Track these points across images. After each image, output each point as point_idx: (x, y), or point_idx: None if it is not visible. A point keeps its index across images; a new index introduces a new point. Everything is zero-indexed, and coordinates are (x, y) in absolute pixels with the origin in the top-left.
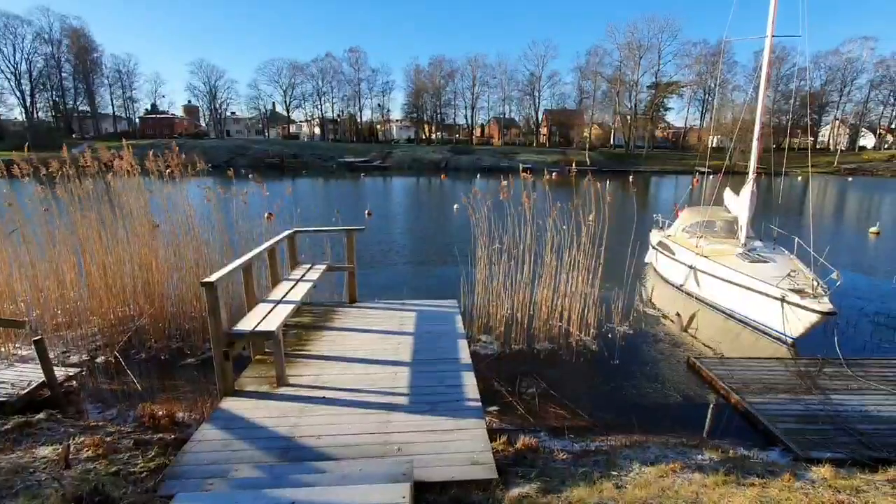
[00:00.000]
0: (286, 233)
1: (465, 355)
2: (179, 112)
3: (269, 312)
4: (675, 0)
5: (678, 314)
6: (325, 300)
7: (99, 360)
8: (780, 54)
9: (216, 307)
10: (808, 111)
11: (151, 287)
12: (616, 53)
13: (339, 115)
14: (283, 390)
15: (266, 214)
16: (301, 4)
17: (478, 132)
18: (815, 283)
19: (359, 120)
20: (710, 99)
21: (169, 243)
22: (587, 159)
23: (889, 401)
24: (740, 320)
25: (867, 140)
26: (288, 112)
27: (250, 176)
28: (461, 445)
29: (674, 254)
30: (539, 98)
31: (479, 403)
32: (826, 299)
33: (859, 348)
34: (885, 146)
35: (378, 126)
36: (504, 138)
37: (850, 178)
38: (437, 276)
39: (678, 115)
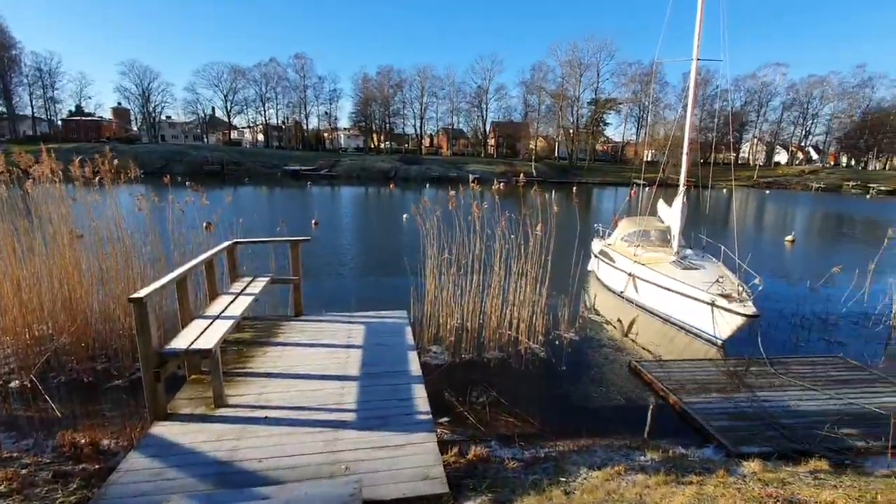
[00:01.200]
0: (226, 244)
1: (415, 367)
2: (108, 115)
3: (206, 329)
4: (612, 22)
5: (619, 320)
6: (268, 314)
7: (13, 384)
8: (706, 76)
9: (146, 325)
10: (731, 129)
11: (73, 303)
12: (559, 70)
13: (283, 122)
14: (221, 412)
15: (205, 224)
16: (244, 8)
17: (427, 142)
18: (741, 289)
19: (305, 127)
20: (644, 116)
21: (94, 255)
22: (533, 170)
23: (807, 396)
24: (675, 324)
25: (781, 156)
26: (229, 117)
27: (188, 183)
28: (412, 460)
29: (614, 262)
30: (487, 110)
31: (430, 416)
32: (750, 303)
33: (780, 348)
34: (797, 162)
35: (325, 134)
36: (453, 148)
37: (767, 191)
38: (387, 287)
39: (616, 130)
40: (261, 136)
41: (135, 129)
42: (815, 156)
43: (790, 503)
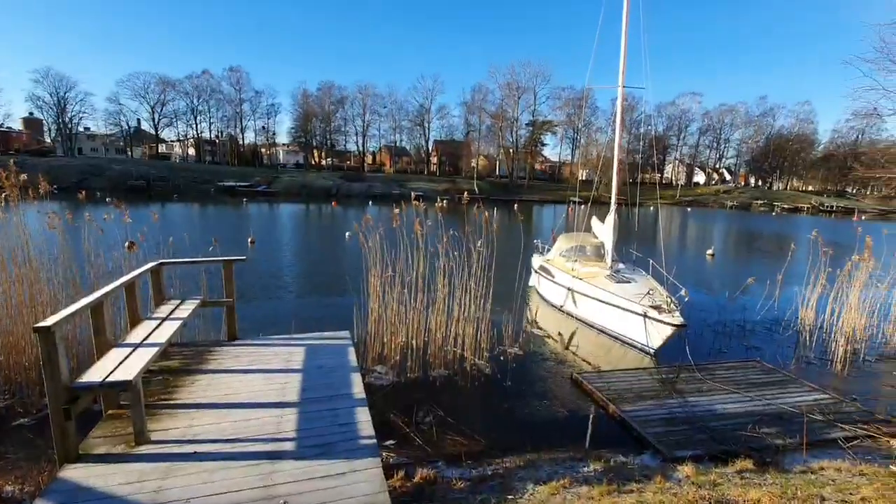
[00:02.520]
0: (150, 265)
1: (358, 389)
2: (17, 125)
3: (125, 358)
4: (546, 48)
5: (560, 333)
6: (199, 340)
7: None
8: (632, 102)
9: (54, 356)
10: (654, 152)
11: None
12: (498, 92)
13: (217, 137)
14: (143, 449)
15: (127, 244)
16: (176, 17)
17: (369, 159)
18: (669, 300)
19: (241, 142)
20: (578, 138)
21: None
22: (475, 188)
23: (731, 399)
24: (612, 335)
25: (700, 177)
26: (156, 130)
27: (108, 200)
28: (356, 489)
29: (553, 277)
30: (429, 129)
31: (374, 440)
32: (678, 313)
33: (706, 354)
34: (713, 182)
35: (263, 150)
36: (396, 166)
37: (689, 209)
38: (329, 307)
39: (553, 150)
40: (192, 151)
41: (48, 140)
42: (728, 177)
43: (720, 503)
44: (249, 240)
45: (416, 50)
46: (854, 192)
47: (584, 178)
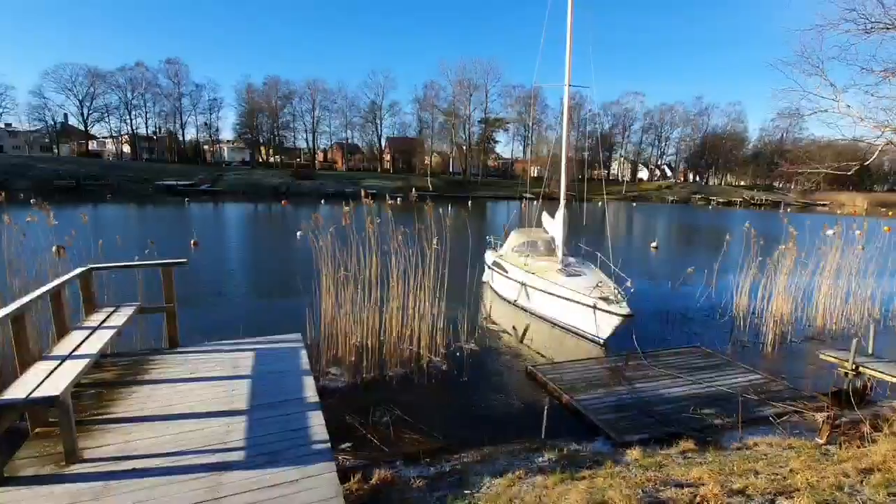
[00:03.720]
0: (78, 270)
1: (311, 393)
2: None
3: (52, 372)
4: (497, 47)
5: (514, 327)
6: (137, 349)
7: None
8: (579, 101)
9: None
10: (600, 149)
11: None
12: (450, 89)
13: (155, 133)
14: (75, 469)
15: (54, 248)
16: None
17: (320, 157)
18: (617, 291)
19: (181, 139)
20: (529, 135)
21: None
22: (429, 185)
23: (675, 383)
24: (564, 327)
25: (643, 173)
26: (86, 126)
27: (33, 201)
28: (309, 496)
29: (506, 272)
30: (381, 126)
31: (328, 444)
32: (625, 304)
33: (652, 342)
34: (655, 178)
35: (205, 146)
36: (348, 164)
37: (634, 204)
38: (280, 310)
39: (506, 147)
40: (127, 148)
41: None
42: (669, 173)
43: (666, 484)
44: (192, 241)
45: (364, 47)
46: (780, 186)
47: (535, 174)
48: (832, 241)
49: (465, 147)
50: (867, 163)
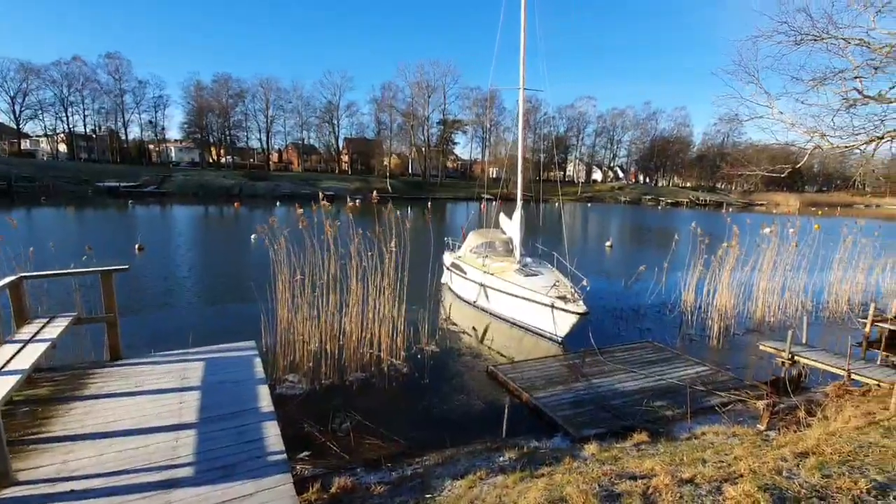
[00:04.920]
0: (7, 279)
1: (265, 403)
2: None
3: None
4: (454, 50)
5: (474, 328)
6: (74, 362)
7: None
8: (535, 104)
9: None
10: (555, 152)
11: None
12: (408, 90)
13: (94, 131)
14: (8, 493)
15: None
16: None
17: (275, 157)
18: (573, 290)
19: (123, 138)
20: (487, 137)
21: None
22: (388, 187)
23: (629, 378)
24: (523, 327)
25: (597, 175)
26: (18, 124)
27: None
28: None
29: (465, 273)
30: (339, 126)
31: (284, 455)
32: (581, 302)
33: (607, 339)
34: (608, 180)
35: (151, 146)
36: (305, 164)
37: (589, 205)
38: (232, 316)
39: (464, 148)
40: (63, 147)
41: None
42: (621, 174)
43: (621, 477)
44: (137, 246)
45: (317, 46)
46: (722, 187)
47: (494, 175)
48: (769, 240)
49: (424, 148)
50: (798, 165)
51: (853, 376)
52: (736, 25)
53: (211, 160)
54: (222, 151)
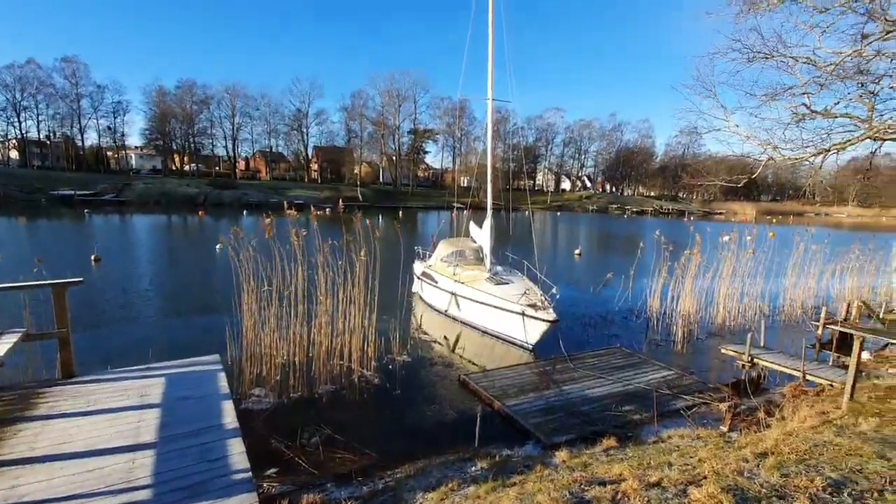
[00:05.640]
0: None
1: (230, 419)
2: None
3: None
4: (425, 59)
5: (446, 337)
6: (23, 381)
7: None
8: (505, 114)
9: None
10: (525, 161)
11: None
12: (378, 99)
13: (49, 137)
14: None
15: None
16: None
17: (242, 165)
18: (543, 298)
19: (80, 144)
20: (458, 146)
21: None
22: (359, 195)
23: (598, 384)
24: (494, 335)
25: (566, 184)
26: None
27: None
28: None
29: (436, 282)
30: (308, 134)
31: (249, 473)
32: (551, 310)
33: (576, 345)
34: (577, 189)
35: (109, 153)
36: (273, 172)
37: (558, 213)
38: (196, 330)
39: (435, 157)
40: (15, 154)
41: None
42: (589, 184)
43: (591, 483)
44: (93, 257)
45: (286, 57)
46: (684, 196)
47: (465, 184)
48: (728, 247)
49: (395, 157)
50: (754, 176)
51: (808, 377)
52: (695, 42)
53: (174, 168)
54: (186, 159)
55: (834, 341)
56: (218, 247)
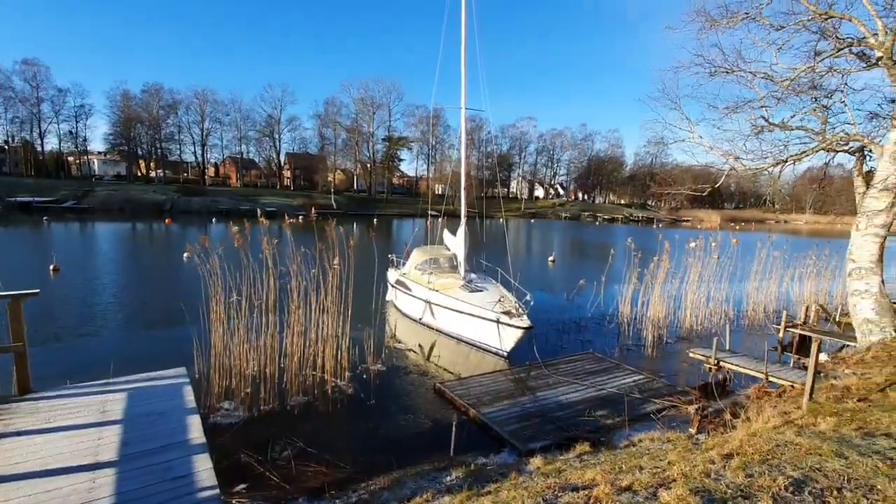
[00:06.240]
0: None
1: (196, 434)
2: None
3: None
4: (399, 67)
5: (420, 345)
6: None
7: None
8: (479, 123)
9: None
10: (499, 169)
11: None
12: (352, 106)
13: (7, 142)
14: None
15: None
16: None
17: (211, 171)
18: (517, 305)
19: (40, 149)
20: (432, 154)
21: None
22: (333, 203)
23: (572, 389)
24: (469, 342)
25: (540, 192)
26: None
27: None
28: None
29: (410, 290)
30: (280, 140)
31: (217, 490)
32: (526, 317)
33: (551, 351)
34: (550, 197)
35: (71, 158)
36: (244, 179)
37: (532, 220)
38: (161, 342)
39: (410, 165)
40: None
41: None
42: (561, 192)
43: (564, 489)
44: (52, 267)
45: (258, 64)
46: (653, 204)
47: (440, 192)
48: (695, 253)
49: (369, 164)
50: (717, 185)
51: (770, 378)
52: (661, 56)
53: (139, 173)
54: (152, 164)
55: (794, 343)
56: (185, 255)
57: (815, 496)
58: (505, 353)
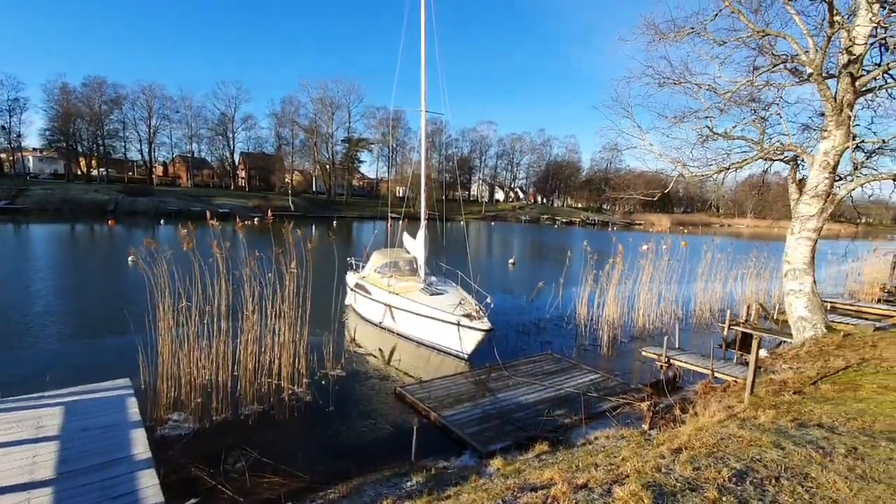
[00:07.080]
0: None
1: (141, 449)
2: None
3: None
4: (358, 69)
5: (381, 349)
6: None
7: None
8: (440, 126)
9: None
10: (458, 172)
11: None
12: (311, 106)
13: None
14: None
15: None
16: None
17: (160, 170)
18: (478, 308)
19: None
20: (393, 156)
21: None
22: (290, 204)
23: (531, 390)
24: (429, 346)
25: (500, 195)
26: None
27: None
28: None
29: (370, 294)
30: (234, 139)
31: None
32: (486, 319)
33: (511, 353)
34: (510, 200)
35: (3, 155)
36: (195, 179)
37: (493, 223)
38: (103, 352)
39: (370, 167)
40: None
41: None
42: (521, 195)
43: (523, 490)
44: None
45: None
46: (608, 208)
47: (401, 194)
48: (646, 255)
49: (328, 166)
50: (667, 190)
51: (716, 374)
52: (614, 65)
53: (79, 172)
54: (94, 163)
55: (737, 340)
56: (130, 259)
57: (756, 486)
58: (466, 356)
